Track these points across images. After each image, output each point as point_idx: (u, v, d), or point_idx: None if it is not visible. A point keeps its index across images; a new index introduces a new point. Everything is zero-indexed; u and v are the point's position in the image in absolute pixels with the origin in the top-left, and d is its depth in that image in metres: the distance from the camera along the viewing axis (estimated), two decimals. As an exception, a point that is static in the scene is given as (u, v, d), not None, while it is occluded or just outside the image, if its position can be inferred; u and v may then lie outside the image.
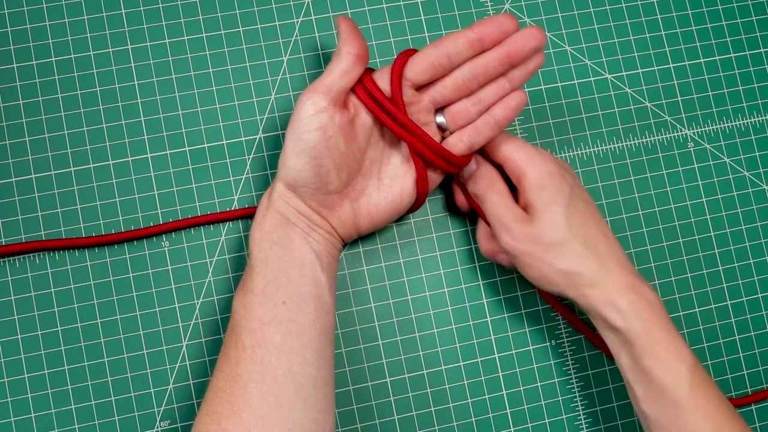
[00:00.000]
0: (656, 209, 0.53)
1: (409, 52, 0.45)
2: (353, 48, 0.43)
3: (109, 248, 0.49)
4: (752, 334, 0.53)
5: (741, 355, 0.53)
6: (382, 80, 0.45)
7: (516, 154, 0.46)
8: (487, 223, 0.48)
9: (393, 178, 0.47)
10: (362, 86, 0.45)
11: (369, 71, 0.45)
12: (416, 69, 0.44)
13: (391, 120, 0.45)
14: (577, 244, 0.44)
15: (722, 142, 0.55)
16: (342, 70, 0.43)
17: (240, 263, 0.50)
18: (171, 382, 0.48)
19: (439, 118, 0.46)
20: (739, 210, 0.54)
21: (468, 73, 0.44)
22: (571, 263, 0.44)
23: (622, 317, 0.43)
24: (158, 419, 0.48)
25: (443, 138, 0.47)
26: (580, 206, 0.46)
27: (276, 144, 0.51)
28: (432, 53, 0.44)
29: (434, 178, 0.47)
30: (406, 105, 0.45)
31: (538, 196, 0.45)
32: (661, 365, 0.42)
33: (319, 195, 0.44)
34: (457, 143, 0.46)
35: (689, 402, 0.41)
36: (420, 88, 0.46)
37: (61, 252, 0.48)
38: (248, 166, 0.50)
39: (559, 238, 0.44)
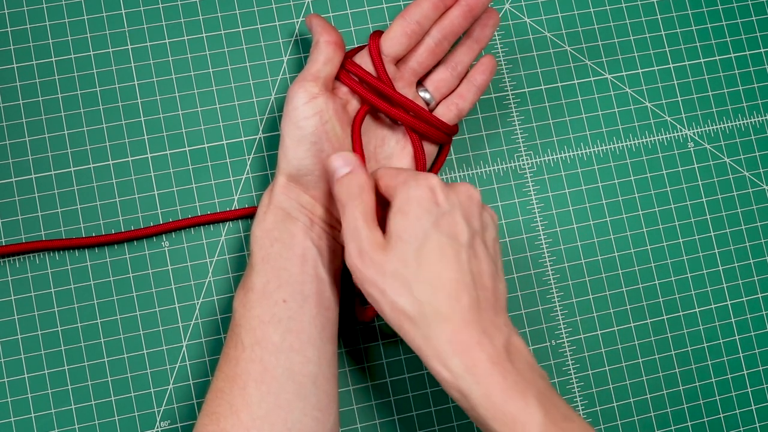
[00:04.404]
0: (656, 209, 0.53)
1: (379, 33, 0.47)
2: (330, 37, 0.45)
3: (109, 248, 0.49)
4: (752, 334, 0.53)
5: (741, 355, 0.53)
6: (361, 63, 0.47)
7: (392, 178, 0.42)
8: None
9: (390, 158, 0.48)
10: (347, 72, 0.46)
11: (347, 56, 0.47)
12: (392, 41, 0.46)
13: (382, 99, 0.46)
14: (421, 284, 0.39)
15: (722, 142, 0.55)
16: (325, 58, 0.45)
17: (240, 263, 0.50)
18: (171, 382, 0.48)
19: (424, 94, 0.48)
20: (739, 210, 0.54)
21: (437, 35, 0.47)
22: (408, 304, 0.39)
23: (455, 378, 0.38)
24: (158, 419, 0.48)
25: (431, 111, 0.49)
26: (443, 241, 0.39)
27: (276, 144, 0.51)
28: (402, 23, 0.46)
29: (429, 150, 0.49)
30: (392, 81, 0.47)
31: (395, 222, 0.40)
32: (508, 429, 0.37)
33: (323, 183, 0.45)
34: (446, 112, 0.48)
35: None
36: (397, 63, 0.47)
37: (61, 252, 0.48)
38: (248, 166, 0.50)
39: (403, 272, 0.39)
